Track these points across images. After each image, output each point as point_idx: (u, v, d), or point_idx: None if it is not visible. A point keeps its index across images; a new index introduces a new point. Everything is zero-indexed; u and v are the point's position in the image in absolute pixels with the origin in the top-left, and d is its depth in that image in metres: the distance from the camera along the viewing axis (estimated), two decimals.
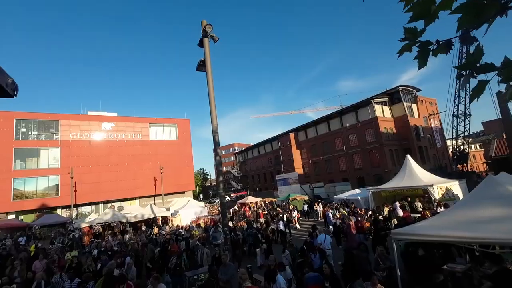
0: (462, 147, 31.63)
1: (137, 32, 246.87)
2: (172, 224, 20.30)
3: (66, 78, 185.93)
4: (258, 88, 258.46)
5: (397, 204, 15.42)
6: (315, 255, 7.42)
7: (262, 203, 32.11)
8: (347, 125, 39.92)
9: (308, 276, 6.00)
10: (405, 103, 37.49)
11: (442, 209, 12.40)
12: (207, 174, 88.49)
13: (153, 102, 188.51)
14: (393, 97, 38.71)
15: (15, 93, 3.41)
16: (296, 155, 48.22)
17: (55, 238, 18.73)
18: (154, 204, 27.02)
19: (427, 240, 5.16)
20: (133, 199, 37.80)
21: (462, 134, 31.28)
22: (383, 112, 37.58)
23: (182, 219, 21.33)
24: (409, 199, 16.04)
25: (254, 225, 13.81)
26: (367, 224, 14.93)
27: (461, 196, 14.93)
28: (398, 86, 38.04)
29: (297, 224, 20.35)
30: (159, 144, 40.86)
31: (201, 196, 69.37)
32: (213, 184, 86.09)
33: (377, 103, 37.28)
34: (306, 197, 28.57)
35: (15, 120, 32.07)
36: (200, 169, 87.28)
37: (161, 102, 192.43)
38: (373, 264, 6.41)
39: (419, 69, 1.38)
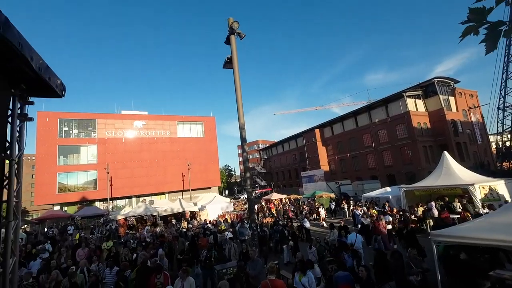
0: (508, 143, 28.81)
1: (165, 34, 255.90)
2: (200, 218, 20.94)
3: (101, 79, 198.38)
4: (282, 84, 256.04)
5: (433, 204, 14.49)
6: (348, 255, 7.23)
7: (287, 200, 31.96)
8: (376, 120, 38.20)
9: (338, 275, 5.85)
10: (441, 96, 34.92)
11: (486, 210, 11.42)
12: (232, 171, 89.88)
13: (180, 100, 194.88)
14: (427, 90, 36.24)
15: (63, 93, 3.69)
16: (322, 152, 47.21)
17: (94, 229, 20.20)
18: (182, 198, 28.07)
19: (473, 243, 4.77)
20: (163, 193, 39.55)
21: (509, 129, 28.45)
22: (416, 106, 35.37)
23: (209, 214, 21.91)
24: (446, 199, 14.98)
25: (281, 222, 13.75)
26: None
27: (507, 197, 13.64)
28: (433, 78, 35.51)
29: (323, 222, 19.99)
30: (187, 141, 42.25)
31: (226, 192, 70.66)
32: (237, 180, 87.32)
33: (409, 96, 35.15)
34: (333, 195, 27.92)
35: (58, 119, 34.93)
36: (225, 165, 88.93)
37: (187, 100, 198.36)
38: (406, 268, 6.08)
39: (487, 53, 1.24)
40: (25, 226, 29.65)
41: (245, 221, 15.58)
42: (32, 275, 7.85)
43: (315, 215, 21.68)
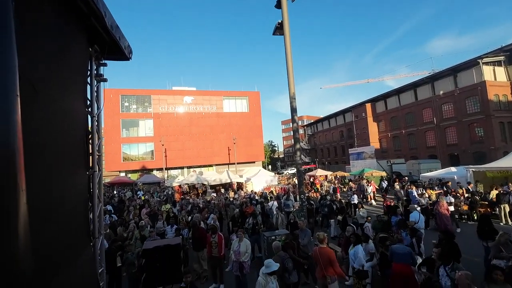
0: None
1: (209, 12, 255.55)
2: (246, 189, 21.80)
3: (152, 56, 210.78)
4: (330, 56, 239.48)
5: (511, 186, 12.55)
6: (406, 233, 6.78)
7: (333, 177, 31.15)
8: (441, 92, 33.57)
9: (396, 248, 5.50)
10: None
11: None
12: (275, 146, 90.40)
13: (225, 75, 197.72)
14: None
15: (130, 56, 3.85)
16: (372, 128, 44.01)
17: (154, 193, 22.63)
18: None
19: None
20: (211, 165, 41.98)
21: None
22: (494, 75, 29.87)
23: (254, 186, 22.64)
24: None
25: (328, 197, 13.49)
26: (465, 207, 12.84)
27: None
28: None
29: (372, 200, 19.13)
30: (232, 116, 43.31)
31: (269, 167, 71.83)
32: (280, 156, 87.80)
33: (487, 63, 29.70)
34: (384, 173, 26.22)
35: (120, 96, 38.64)
36: (269, 141, 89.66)
37: (233, 74, 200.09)
38: (493, 252, 5.41)
39: None
40: None
41: (291, 194, 15.69)
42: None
43: (363, 192, 20.88)
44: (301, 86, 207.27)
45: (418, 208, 10.23)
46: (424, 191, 15.36)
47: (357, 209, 10.91)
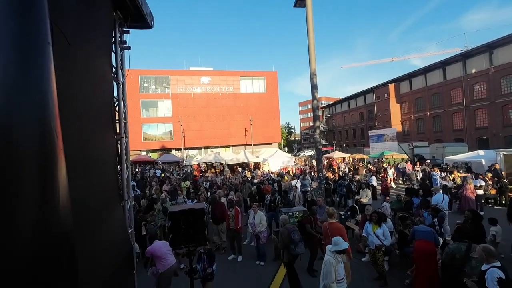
0: None
1: None
2: (263, 169, 22.01)
3: (170, 35, 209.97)
4: (352, 33, 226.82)
5: None
6: (428, 213, 6.63)
7: (351, 159, 30.62)
8: (473, 71, 31.20)
9: (419, 228, 5.41)
10: None
11: None
12: (292, 128, 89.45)
13: (243, 55, 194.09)
14: None
15: (152, 23, 3.82)
16: (395, 110, 42.18)
17: (174, 171, 23.44)
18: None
19: None
20: (227, 146, 42.50)
21: None
22: None
23: (270, 166, 22.79)
24: None
25: (347, 178, 13.36)
26: (492, 191, 12.26)
27: None
28: None
29: (392, 183, 18.74)
30: (249, 96, 42.96)
31: (286, 149, 71.64)
32: (297, 138, 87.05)
33: None
34: (405, 156, 25.39)
35: (139, 76, 39.26)
36: (286, 123, 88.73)
37: (250, 54, 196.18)
38: None
39: None
40: None
41: (307, 174, 15.69)
42: None
43: (382, 175, 20.51)
44: (320, 67, 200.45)
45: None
46: (447, 174, 14.80)
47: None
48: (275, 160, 23.95)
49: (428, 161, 22.96)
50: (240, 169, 20.05)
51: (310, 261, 6.44)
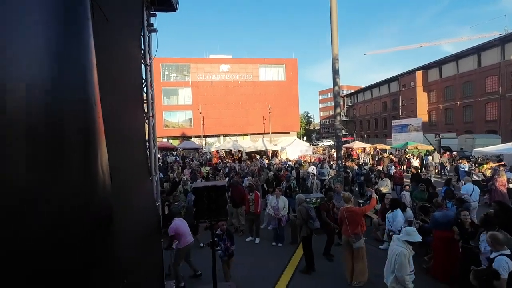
0: None
1: None
2: (281, 157, 22.08)
3: (191, 23, 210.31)
4: (377, 17, 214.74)
5: None
6: (452, 203, 6.45)
7: (372, 150, 29.79)
8: None
9: (438, 217, 5.29)
10: None
11: None
12: (311, 118, 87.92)
13: (262, 42, 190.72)
14: None
15: (177, 6, 3.91)
16: (421, 99, 40.05)
17: (194, 157, 24.13)
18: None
19: None
20: (245, 135, 42.76)
21: None
22: None
23: (288, 155, 22.79)
24: None
25: (366, 167, 13.10)
26: None
27: None
28: None
29: None
30: (268, 84, 42.57)
31: (304, 138, 70.84)
32: (316, 128, 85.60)
33: None
34: (430, 147, 24.30)
35: (161, 64, 40.04)
36: (305, 112, 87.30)
37: (269, 42, 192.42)
38: None
39: None
40: None
41: (326, 163, 15.55)
42: None
43: (404, 166, 19.88)
44: (342, 54, 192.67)
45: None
46: (476, 167, 14.06)
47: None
48: (293, 149, 23.89)
49: (455, 153, 21.87)
50: (258, 157, 20.24)
51: (326, 246, 6.54)
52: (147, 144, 3.14)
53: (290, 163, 17.24)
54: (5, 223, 0.99)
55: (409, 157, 21.02)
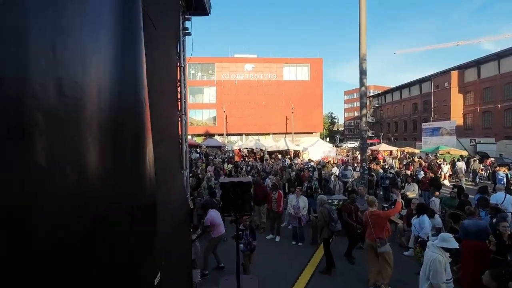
0: None
1: None
2: (303, 158, 21.92)
3: (216, 23, 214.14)
4: (408, 13, 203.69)
5: None
6: (485, 212, 6.11)
7: (399, 153, 28.55)
8: None
9: (468, 225, 5.04)
10: None
11: None
12: (335, 118, 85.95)
13: (287, 41, 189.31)
14: None
15: (210, 10, 4.13)
16: (456, 101, 37.55)
17: (217, 155, 24.72)
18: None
19: None
20: (267, 134, 42.85)
21: None
22: None
23: (311, 155, 22.55)
24: None
25: (392, 170, 12.65)
26: None
27: None
28: None
29: (446, 181, 17.22)
30: (292, 84, 42.34)
31: (327, 139, 69.45)
32: (340, 129, 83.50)
33: None
34: (464, 153, 22.82)
35: (187, 63, 41.36)
36: (328, 112, 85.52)
37: (294, 40, 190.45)
38: None
39: None
40: None
41: (349, 165, 15.22)
42: None
43: (434, 171, 18.87)
44: (370, 53, 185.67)
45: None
46: None
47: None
48: (315, 149, 23.60)
49: (493, 159, 20.35)
50: (280, 156, 20.28)
51: (348, 248, 6.49)
52: (180, 140, 3.38)
53: (312, 163, 17.09)
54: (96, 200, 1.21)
55: (440, 162, 19.90)
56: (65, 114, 1.02)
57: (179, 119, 3.41)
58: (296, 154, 22.98)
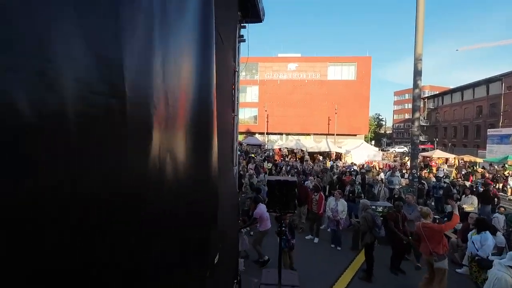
0: None
1: None
2: (345, 160, 21.16)
3: (265, 24, 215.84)
4: (475, 6, 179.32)
5: None
6: None
7: (457, 161, 25.74)
8: None
9: None
10: None
11: None
12: (382, 120, 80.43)
13: (333, 39, 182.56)
14: None
15: (263, 18, 4.38)
16: None
17: (257, 153, 25.23)
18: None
19: None
20: (308, 134, 42.09)
21: None
22: None
23: (353, 158, 21.61)
24: None
25: (447, 180, 11.55)
26: None
27: None
28: None
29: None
30: (336, 84, 40.88)
31: (373, 143, 65.43)
32: (387, 132, 77.96)
33: None
34: None
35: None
36: (375, 114, 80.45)
37: (341, 37, 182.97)
38: None
39: None
40: None
41: (397, 171, 14.29)
42: None
43: (500, 184, 16.60)
44: (428, 49, 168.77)
45: None
46: None
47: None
48: (359, 153, 22.54)
49: None
50: (321, 158, 19.89)
51: (393, 259, 6.20)
52: (232, 139, 3.70)
53: (355, 167, 16.45)
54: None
55: (508, 174, 17.49)
56: (171, 121, 1.33)
57: (233, 119, 3.73)
58: (338, 156, 22.26)
